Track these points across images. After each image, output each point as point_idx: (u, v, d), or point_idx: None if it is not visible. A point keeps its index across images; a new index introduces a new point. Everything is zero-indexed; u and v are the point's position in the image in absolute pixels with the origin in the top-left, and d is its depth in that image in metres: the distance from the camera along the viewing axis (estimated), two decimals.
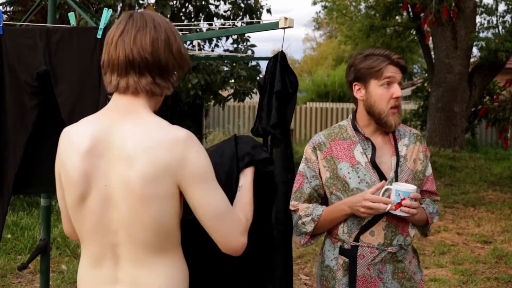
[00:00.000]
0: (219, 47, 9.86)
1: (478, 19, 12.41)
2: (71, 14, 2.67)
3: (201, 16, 9.28)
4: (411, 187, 1.99)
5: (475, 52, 12.48)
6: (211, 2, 9.44)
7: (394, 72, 2.06)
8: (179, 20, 8.62)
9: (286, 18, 2.07)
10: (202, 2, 9.17)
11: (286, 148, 2.17)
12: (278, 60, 2.10)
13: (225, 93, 10.16)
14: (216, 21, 9.10)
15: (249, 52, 9.20)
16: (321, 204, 2.17)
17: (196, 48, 3.30)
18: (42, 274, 3.07)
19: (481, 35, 11.94)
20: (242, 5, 9.50)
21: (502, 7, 15.88)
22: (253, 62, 9.35)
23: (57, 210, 6.57)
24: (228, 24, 7.39)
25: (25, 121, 2.54)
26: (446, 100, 11.89)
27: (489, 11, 12.39)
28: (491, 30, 12.17)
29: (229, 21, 8.90)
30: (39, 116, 2.54)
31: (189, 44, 3.34)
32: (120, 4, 7.57)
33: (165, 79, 1.53)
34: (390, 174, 2.08)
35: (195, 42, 3.30)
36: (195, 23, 8.93)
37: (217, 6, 9.62)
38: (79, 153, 1.47)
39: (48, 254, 3.09)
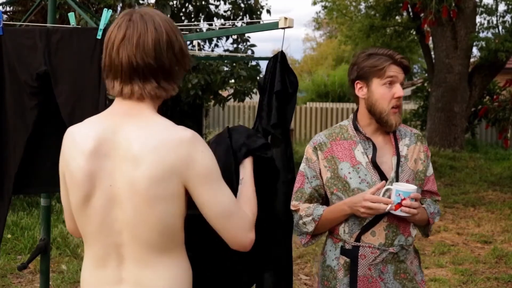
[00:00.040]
0: (219, 47, 9.88)
1: (478, 19, 12.42)
2: (71, 14, 2.67)
3: (201, 16, 9.29)
4: (412, 187, 1.99)
5: (475, 52, 12.50)
6: (211, 2, 9.45)
7: (396, 72, 2.07)
8: (179, 20, 8.62)
9: (286, 18, 2.07)
10: (202, 2, 9.17)
11: (286, 148, 2.17)
12: (278, 60, 2.10)
13: (225, 93, 10.16)
14: (216, 21, 9.11)
15: (249, 52, 9.20)
16: (322, 204, 2.17)
17: (196, 48, 3.31)
18: (42, 274, 3.07)
19: (481, 35, 11.94)
20: (242, 5, 9.51)
21: (502, 7, 15.90)
22: (253, 62, 9.35)
23: (57, 210, 6.57)
24: (228, 24, 7.38)
25: (25, 121, 2.54)
26: (446, 100, 11.89)
27: (489, 11, 12.39)
28: (491, 30, 12.17)
29: (229, 21, 8.90)
30: (39, 116, 2.54)
31: (189, 44, 3.34)
32: (120, 4, 7.57)
33: (170, 81, 1.52)
34: (391, 174, 2.08)
35: (195, 42, 3.30)
36: (195, 23, 8.94)
37: (217, 6, 9.62)
38: (83, 153, 1.47)
39: (48, 254, 3.09)
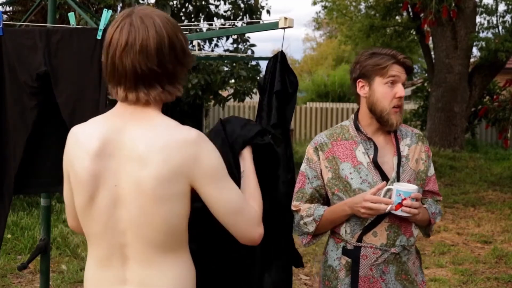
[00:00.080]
0: (219, 47, 9.88)
1: (478, 19, 12.42)
2: (71, 14, 2.67)
3: (201, 16, 9.29)
4: (412, 187, 1.99)
5: (475, 52, 12.49)
6: (211, 2, 9.45)
7: (399, 72, 2.07)
8: (179, 20, 8.61)
9: (286, 18, 2.07)
10: (202, 2, 9.17)
11: (286, 148, 2.17)
12: (278, 60, 2.10)
13: (225, 93, 10.16)
14: (216, 21, 9.11)
15: (249, 52, 9.20)
16: (323, 204, 2.17)
17: (196, 48, 3.31)
18: (42, 274, 3.07)
19: (481, 35, 11.94)
20: (242, 5, 9.51)
21: (502, 7, 15.90)
22: (253, 62, 9.35)
23: (57, 210, 6.57)
24: (228, 24, 7.38)
25: (25, 121, 2.54)
26: (446, 100, 11.89)
27: (489, 11, 12.39)
28: (491, 30, 12.17)
29: (229, 21, 8.90)
30: (38, 116, 2.54)
31: (189, 44, 3.34)
32: (120, 4, 7.57)
33: (174, 84, 1.51)
34: (392, 174, 2.08)
35: (195, 42, 3.30)
36: (195, 23, 8.94)
37: (217, 6, 9.62)
38: (88, 154, 1.47)
39: (48, 254, 3.09)
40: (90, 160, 1.46)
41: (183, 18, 9.05)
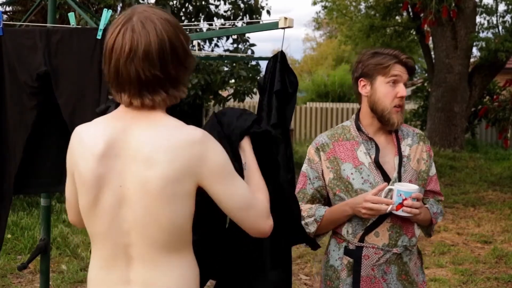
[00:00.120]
0: (219, 47, 9.87)
1: (478, 19, 12.42)
2: (71, 14, 2.67)
3: (201, 16, 9.29)
4: (413, 187, 1.99)
5: (475, 52, 12.49)
6: (211, 2, 9.45)
7: (401, 72, 2.07)
8: (179, 20, 8.60)
9: (286, 18, 2.06)
10: (202, 2, 9.18)
11: (286, 148, 2.16)
12: (278, 60, 2.10)
13: (225, 93, 10.16)
14: (216, 21, 9.11)
15: (249, 52, 9.20)
16: (324, 205, 2.17)
17: (196, 48, 3.30)
18: (42, 274, 3.07)
19: (481, 35, 11.94)
20: (242, 6, 9.51)
21: (502, 7, 15.88)
22: (253, 62, 9.35)
23: (57, 210, 6.57)
24: (228, 24, 7.38)
25: (25, 121, 2.54)
26: (446, 100, 11.89)
27: (489, 11, 12.39)
28: (491, 30, 12.17)
29: (229, 21, 8.90)
30: (38, 116, 2.54)
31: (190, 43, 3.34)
32: (120, 4, 7.57)
33: (178, 88, 1.51)
34: (393, 174, 2.08)
35: (195, 42, 3.30)
36: (195, 23, 8.93)
37: (217, 6, 9.62)
38: (93, 155, 1.47)
39: (48, 254, 3.09)
40: (95, 162, 1.46)
41: (183, 18, 9.05)
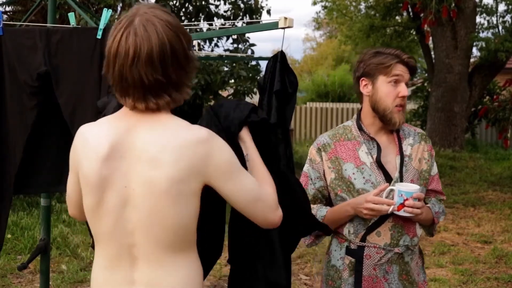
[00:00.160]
0: (219, 47, 9.86)
1: (478, 19, 12.42)
2: (71, 14, 2.67)
3: (201, 16, 9.28)
4: (414, 187, 1.99)
5: (475, 52, 12.49)
6: (211, 2, 9.45)
7: (403, 71, 2.07)
8: (179, 20, 8.61)
9: (286, 18, 2.06)
10: (202, 2, 9.17)
11: (286, 148, 2.16)
12: (278, 60, 2.10)
13: (225, 93, 10.15)
14: (216, 21, 9.11)
15: (249, 52, 9.20)
16: (325, 205, 2.17)
17: (196, 48, 3.31)
18: (42, 274, 3.07)
19: (481, 35, 11.94)
20: (242, 6, 9.50)
21: (502, 7, 15.89)
22: (253, 62, 9.34)
23: (57, 210, 6.57)
24: (228, 24, 7.38)
25: (25, 121, 2.54)
26: (446, 100, 11.89)
27: (489, 11, 12.39)
28: (491, 30, 12.17)
29: (229, 21, 8.90)
30: (38, 116, 2.54)
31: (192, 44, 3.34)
32: (120, 4, 7.57)
33: (181, 90, 1.51)
34: (395, 174, 2.08)
35: (195, 42, 3.30)
36: (195, 23, 8.93)
37: (217, 6, 9.62)
38: (98, 158, 1.46)
39: (48, 254, 3.09)
40: (100, 164, 1.46)
41: (183, 18, 9.04)
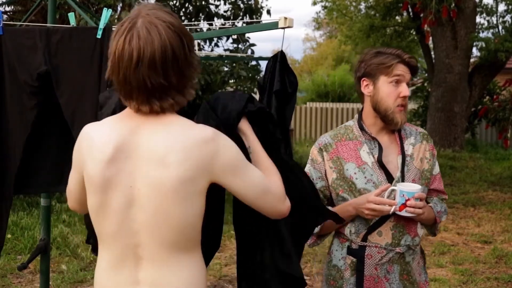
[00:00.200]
0: (219, 47, 9.86)
1: (478, 19, 12.41)
2: (71, 14, 2.67)
3: (201, 16, 9.28)
4: (416, 187, 1.99)
5: (475, 52, 12.49)
6: (211, 2, 9.45)
7: (404, 71, 2.07)
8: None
9: (286, 18, 2.06)
10: (202, 2, 9.17)
11: (285, 148, 2.16)
12: (278, 60, 2.10)
13: None
14: (216, 21, 9.11)
15: (249, 52, 9.19)
16: (327, 205, 2.17)
17: (196, 48, 3.31)
18: (42, 274, 3.07)
19: (481, 35, 11.94)
20: (242, 6, 9.50)
21: (502, 7, 15.86)
22: (253, 62, 9.34)
23: (57, 210, 6.57)
24: (228, 24, 7.38)
25: (25, 121, 2.54)
26: (446, 100, 11.89)
27: (489, 11, 12.39)
28: (491, 30, 12.16)
29: (229, 21, 8.90)
30: (38, 116, 2.54)
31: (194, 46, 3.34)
32: (120, 4, 7.57)
33: (184, 93, 1.50)
34: (396, 174, 2.08)
35: (195, 42, 3.30)
36: (195, 23, 8.93)
37: (217, 6, 9.62)
38: (103, 159, 1.46)
39: (48, 254, 3.09)
40: (105, 165, 1.46)
41: (183, 18, 9.04)
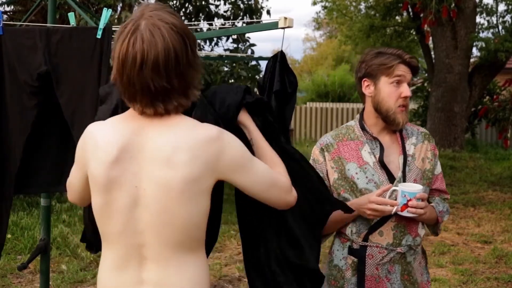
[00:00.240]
0: (219, 46, 9.86)
1: (478, 19, 12.41)
2: (71, 14, 2.67)
3: (201, 16, 9.28)
4: (417, 188, 1.99)
5: (475, 52, 12.49)
6: (211, 2, 9.45)
7: (405, 72, 2.07)
8: None
9: (285, 18, 2.06)
10: (202, 2, 9.17)
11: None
12: (277, 60, 2.10)
13: None
14: (216, 21, 9.11)
15: (249, 52, 9.19)
16: None
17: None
18: (42, 274, 3.07)
19: (481, 35, 11.94)
20: (242, 6, 9.50)
21: (502, 7, 15.88)
22: (253, 62, 9.34)
23: (57, 210, 6.58)
24: (228, 24, 7.38)
25: (24, 121, 2.54)
26: (446, 100, 11.89)
27: (489, 11, 12.39)
28: (491, 30, 12.16)
29: (229, 21, 8.90)
30: (38, 116, 2.54)
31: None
32: (120, 4, 7.57)
33: (187, 95, 1.50)
34: (398, 174, 2.08)
35: None
36: (195, 23, 8.93)
37: (217, 6, 9.62)
38: (108, 160, 1.46)
39: (48, 254, 3.09)
40: (109, 165, 1.46)
41: (183, 18, 9.04)
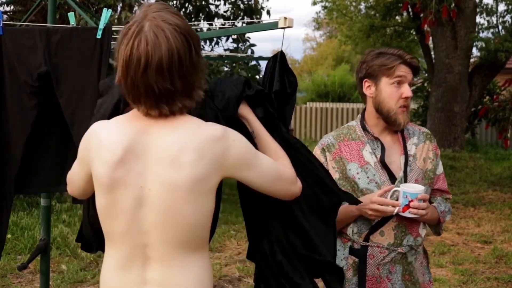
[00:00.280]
0: (219, 46, 9.86)
1: (478, 19, 12.41)
2: (71, 14, 2.67)
3: (201, 16, 9.28)
4: (419, 188, 1.98)
5: (475, 52, 12.48)
6: (211, 2, 9.45)
7: (405, 72, 2.07)
8: None
9: (285, 18, 2.06)
10: (202, 2, 9.17)
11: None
12: (277, 60, 2.10)
13: None
14: (216, 21, 9.11)
15: (249, 52, 9.19)
16: None
17: None
18: (42, 274, 3.07)
19: (481, 35, 11.93)
20: (242, 6, 9.50)
21: (502, 7, 15.87)
22: (253, 62, 9.34)
23: (57, 210, 6.58)
24: (228, 24, 7.38)
25: (24, 121, 2.53)
26: (446, 100, 11.88)
27: (489, 11, 12.38)
28: (491, 30, 12.16)
29: (229, 21, 8.90)
30: (38, 116, 2.54)
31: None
32: (120, 4, 7.57)
33: (191, 96, 1.50)
34: (399, 174, 2.08)
35: None
36: (195, 23, 8.93)
37: (217, 6, 9.62)
38: (112, 160, 1.46)
39: (48, 254, 3.09)
40: (114, 165, 1.46)
41: None
